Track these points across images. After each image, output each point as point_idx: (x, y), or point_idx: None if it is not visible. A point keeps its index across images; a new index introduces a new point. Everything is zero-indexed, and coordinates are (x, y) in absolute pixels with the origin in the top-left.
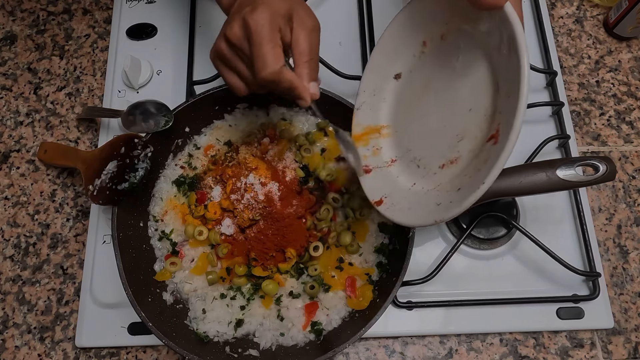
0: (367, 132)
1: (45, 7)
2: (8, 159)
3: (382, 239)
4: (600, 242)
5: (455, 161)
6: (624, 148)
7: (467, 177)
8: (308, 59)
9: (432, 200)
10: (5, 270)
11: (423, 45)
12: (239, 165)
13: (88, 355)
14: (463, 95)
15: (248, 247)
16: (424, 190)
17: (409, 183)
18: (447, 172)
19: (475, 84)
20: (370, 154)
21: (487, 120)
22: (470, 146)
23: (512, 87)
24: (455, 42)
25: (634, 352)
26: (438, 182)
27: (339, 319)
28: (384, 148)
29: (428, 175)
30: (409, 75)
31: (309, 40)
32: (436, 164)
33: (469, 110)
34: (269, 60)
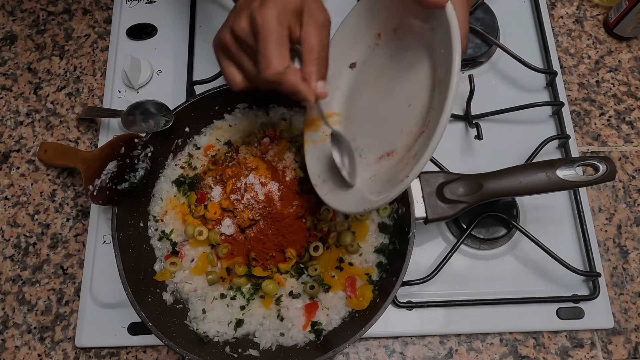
0: (319, 118)
1: (45, 7)
2: (8, 159)
3: (382, 239)
4: (600, 242)
5: (392, 153)
6: (624, 148)
7: (396, 170)
8: (317, 57)
9: (365, 189)
10: (5, 270)
11: (377, 37)
12: (239, 165)
13: (88, 355)
14: (406, 90)
15: (248, 247)
16: (360, 179)
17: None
18: (383, 164)
19: (417, 81)
20: (319, 140)
21: (423, 116)
22: (406, 141)
23: (443, 86)
24: (406, 38)
25: (634, 352)
26: (374, 172)
27: (339, 319)
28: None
29: (367, 165)
30: (362, 65)
31: (319, 37)
32: (375, 155)
33: (409, 106)
34: (274, 60)
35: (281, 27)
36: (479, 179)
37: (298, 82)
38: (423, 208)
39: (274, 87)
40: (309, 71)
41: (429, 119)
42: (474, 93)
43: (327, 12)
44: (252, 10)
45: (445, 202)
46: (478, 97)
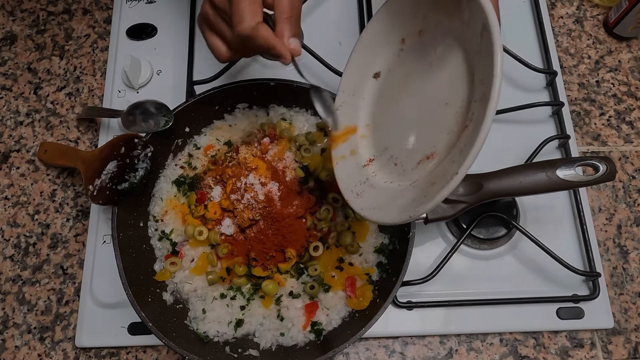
0: (346, 132)
1: (45, 7)
2: (8, 159)
3: (382, 239)
4: (600, 242)
5: (432, 156)
6: (624, 148)
7: (441, 170)
8: (288, 16)
9: (407, 197)
10: (5, 270)
11: (402, 43)
12: (239, 165)
13: (88, 355)
14: (439, 90)
15: (248, 247)
16: (400, 188)
17: (385, 181)
18: (423, 168)
19: (451, 77)
20: (349, 155)
21: (463, 111)
22: (446, 140)
23: (486, 74)
24: (433, 37)
25: (634, 352)
26: (414, 178)
27: (339, 319)
28: (361, 148)
29: (405, 173)
30: (387, 74)
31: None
32: (413, 161)
33: (446, 104)
34: (246, 15)
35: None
36: (479, 179)
37: (271, 36)
38: None
39: (249, 45)
40: (281, 29)
41: (472, 110)
42: None
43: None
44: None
45: (445, 202)
46: None
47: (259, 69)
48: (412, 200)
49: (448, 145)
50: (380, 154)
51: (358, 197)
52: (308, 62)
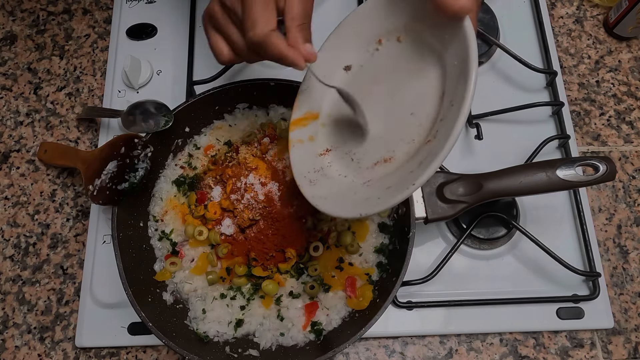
0: (307, 117)
1: (45, 7)
2: (8, 159)
3: (382, 239)
4: (600, 242)
5: (389, 160)
6: (624, 148)
7: (397, 177)
8: (300, 23)
9: (360, 194)
10: (5, 270)
11: (378, 43)
12: (239, 165)
13: (88, 355)
14: (408, 99)
15: (248, 247)
16: (354, 184)
17: (339, 174)
18: (379, 170)
19: (423, 90)
20: (306, 140)
21: (429, 125)
22: (406, 148)
23: (457, 99)
24: (411, 46)
25: (634, 352)
26: (369, 177)
27: (339, 319)
28: (319, 136)
29: (360, 170)
30: (359, 69)
31: (301, 5)
32: (370, 160)
33: (411, 114)
34: (259, 21)
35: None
36: (479, 179)
37: (284, 45)
38: (423, 208)
39: (260, 52)
40: (294, 37)
41: (437, 128)
42: None
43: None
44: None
45: (445, 202)
46: (478, 97)
47: (259, 69)
48: (365, 199)
49: (407, 153)
50: (339, 146)
51: (311, 184)
52: None
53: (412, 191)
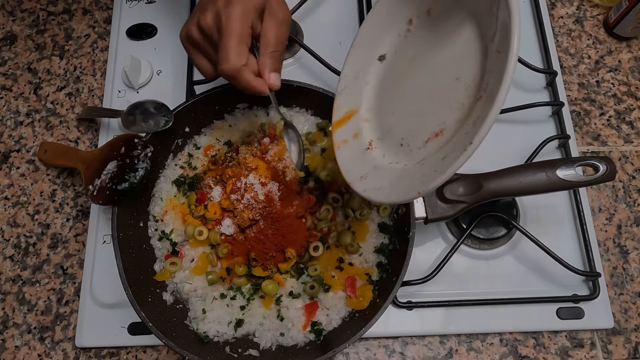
0: (349, 116)
1: (45, 7)
2: (8, 159)
3: (382, 239)
4: (600, 242)
5: (441, 133)
6: (624, 148)
7: (452, 145)
8: (273, 50)
9: (416, 174)
10: (5, 270)
11: (409, 23)
12: (239, 165)
13: (88, 355)
14: (449, 66)
15: (248, 247)
16: (407, 167)
17: (390, 162)
18: (432, 146)
19: (462, 52)
20: (351, 138)
21: (476, 84)
22: (458, 115)
23: (503, 43)
24: (442, 14)
25: (634, 352)
26: (422, 156)
27: (339, 319)
28: (364, 132)
29: (412, 153)
30: (394, 55)
31: (277, 32)
32: (421, 140)
33: (456, 80)
34: (232, 56)
35: (243, 25)
36: (479, 179)
37: (252, 79)
38: (423, 208)
39: (230, 81)
40: (263, 62)
41: (486, 82)
42: None
43: (288, 9)
44: (218, 8)
45: (445, 202)
46: None
47: None
48: (421, 177)
49: (459, 120)
50: (385, 136)
51: (361, 180)
52: (308, 62)
53: (472, 151)
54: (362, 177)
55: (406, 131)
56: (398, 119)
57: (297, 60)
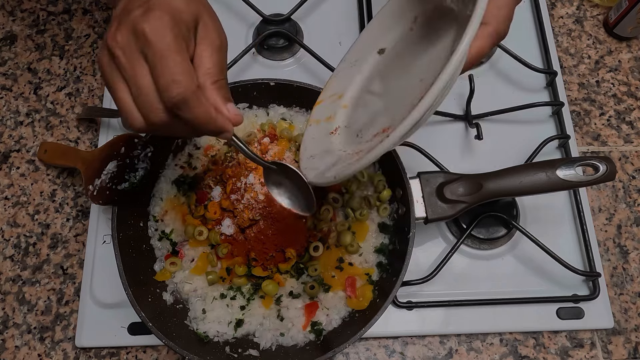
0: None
1: (45, 7)
2: (8, 159)
3: (382, 239)
4: (600, 242)
5: (388, 129)
6: (624, 148)
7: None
8: (216, 79)
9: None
10: (5, 270)
11: (413, 22)
12: (239, 165)
13: (88, 355)
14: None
15: (248, 247)
16: (345, 154)
17: (339, 149)
18: (375, 140)
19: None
20: (323, 120)
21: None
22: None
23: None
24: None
25: (634, 352)
26: (362, 148)
27: (339, 319)
28: (337, 116)
29: (359, 143)
30: (390, 51)
31: (217, 59)
32: (371, 133)
33: (420, 81)
34: (183, 76)
35: (177, 37)
36: (479, 179)
37: (212, 108)
38: (423, 208)
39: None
40: (212, 97)
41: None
42: (474, 93)
43: (224, 32)
44: (134, 21)
45: (445, 202)
46: (478, 97)
47: (259, 69)
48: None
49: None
50: (350, 125)
51: (309, 159)
52: (308, 62)
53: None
54: (311, 157)
55: (366, 124)
56: (367, 111)
57: (297, 60)
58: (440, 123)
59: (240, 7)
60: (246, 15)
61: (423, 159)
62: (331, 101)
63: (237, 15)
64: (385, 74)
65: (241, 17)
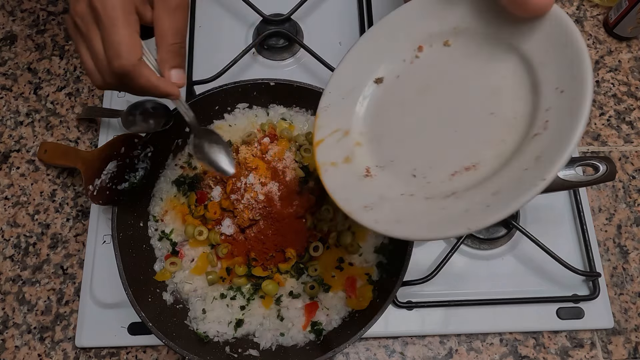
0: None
1: (45, 7)
2: (8, 159)
3: (382, 239)
4: (600, 242)
5: (473, 167)
6: (624, 148)
7: (506, 180)
8: (172, 42)
9: (454, 209)
10: (5, 270)
11: (418, 50)
12: (239, 165)
13: (88, 355)
14: (479, 99)
15: (248, 247)
16: (433, 200)
17: (402, 193)
18: (462, 179)
19: (497, 86)
20: (341, 162)
21: (525, 122)
22: (496, 151)
23: (570, 83)
24: (465, 47)
25: (634, 352)
26: (451, 189)
27: (339, 319)
28: (357, 157)
29: (432, 185)
30: (395, 80)
31: (172, 20)
32: (443, 172)
33: (491, 114)
34: (124, 49)
35: (126, 10)
36: None
37: (153, 77)
38: None
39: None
40: (161, 58)
41: (545, 118)
42: None
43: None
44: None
45: None
46: None
47: (259, 69)
48: (464, 212)
49: (499, 156)
50: (388, 165)
51: (367, 210)
52: (308, 62)
53: (543, 186)
54: (366, 207)
55: (419, 162)
56: (405, 148)
57: (297, 60)
58: None
59: (240, 7)
60: (246, 15)
61: None
62: (336, 139)
63: (237, 15)
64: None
65: (241, 17)
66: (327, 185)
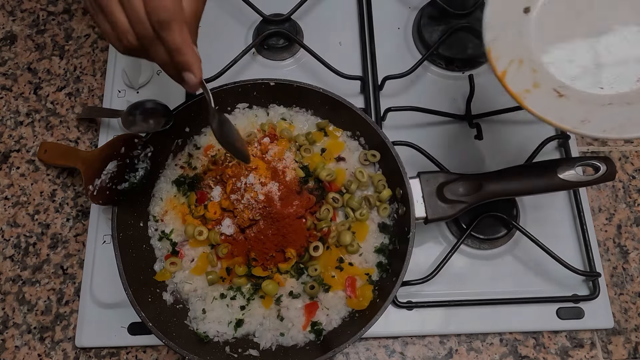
0: (515, 67)
1: (45, 7)
2: (8, 159)
3: (382, 239)
4: (600, 242)
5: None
6: (624, 148)
7: None
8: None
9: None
10: (5, 270)
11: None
12: (239, 165)
13: (88, 355)
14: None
15: (248, 247)
16: (633, 105)
17: (602, 104)
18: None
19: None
20: (531, 88)
21: None
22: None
23: None
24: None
25: (634, 352)
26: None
27: (339, 319)
28: (541, 81)
29: (622, 92)
30: (543, 7)
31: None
32: (630, 79)
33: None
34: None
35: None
36: (479, 179)
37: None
38: (423, 208)
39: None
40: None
41: None
42: (474, 93)
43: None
44: None
45: (445, 202)
46: (478, 97)
47: (258, 69)
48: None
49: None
50: (572, 82)
51: (585, 124)
52: (308, 62)
53: None
54: (582, 121)
55: (603, 74)
56: (581, 64)
57: (297, 60)
58: (441, 123)
59: (240, 7)
60: (246, 15)
61: (423, 159)
62: (516, 69)
63: (237, 15)
64: (563, 27)
65: (241, 17)
66: (534, 110)
